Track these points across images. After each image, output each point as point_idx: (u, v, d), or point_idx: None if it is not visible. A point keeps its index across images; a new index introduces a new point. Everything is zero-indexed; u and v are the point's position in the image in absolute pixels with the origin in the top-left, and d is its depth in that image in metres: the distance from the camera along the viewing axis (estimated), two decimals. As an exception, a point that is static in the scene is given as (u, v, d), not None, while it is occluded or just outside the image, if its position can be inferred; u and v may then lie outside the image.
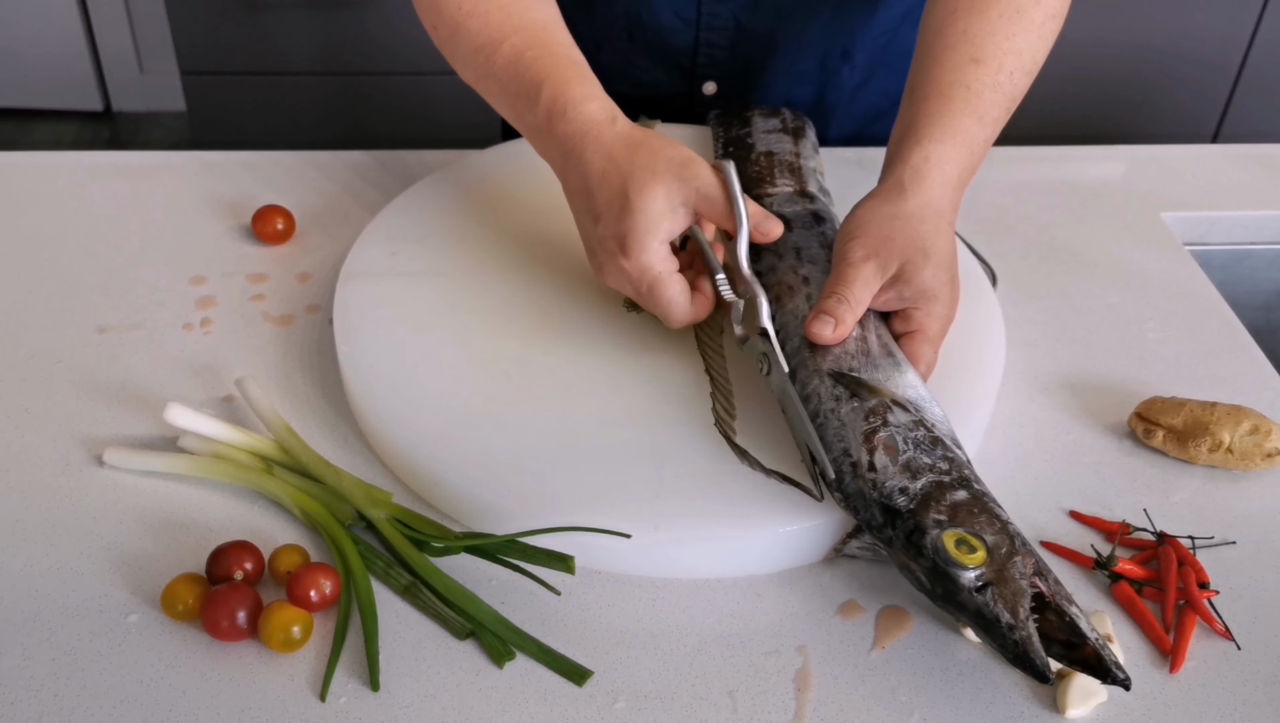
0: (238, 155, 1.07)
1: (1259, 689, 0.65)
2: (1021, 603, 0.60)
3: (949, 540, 0.62)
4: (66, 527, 0.71)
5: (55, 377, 0.82)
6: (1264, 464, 0.77)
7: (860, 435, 0.67)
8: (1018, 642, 0.59)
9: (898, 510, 0.64)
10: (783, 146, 0.94)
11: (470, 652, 0.65)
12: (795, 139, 0.95)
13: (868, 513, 0.65)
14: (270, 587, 0.68)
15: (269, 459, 0.74)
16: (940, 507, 0.63)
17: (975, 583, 0.61)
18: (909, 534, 0.63)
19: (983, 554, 0.61)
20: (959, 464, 0.66)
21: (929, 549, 0.62)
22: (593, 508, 0.68)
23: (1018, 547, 0.62)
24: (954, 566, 0.61)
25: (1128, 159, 1.14)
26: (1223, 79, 2.31)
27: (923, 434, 0.67)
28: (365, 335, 0.80)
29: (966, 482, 0.65)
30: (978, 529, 0.63)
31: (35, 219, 0.98)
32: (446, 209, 0.93)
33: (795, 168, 0.91)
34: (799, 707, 0.63)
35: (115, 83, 2.95)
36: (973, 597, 0.61)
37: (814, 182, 0.90)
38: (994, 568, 0.61)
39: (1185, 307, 0.94)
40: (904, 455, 0.65)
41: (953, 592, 0.62)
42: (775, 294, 0.77)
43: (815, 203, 0.87)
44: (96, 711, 0.61)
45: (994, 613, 0.60)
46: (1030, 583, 0.61)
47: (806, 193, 0.88)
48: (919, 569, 0.63)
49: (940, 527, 0.62)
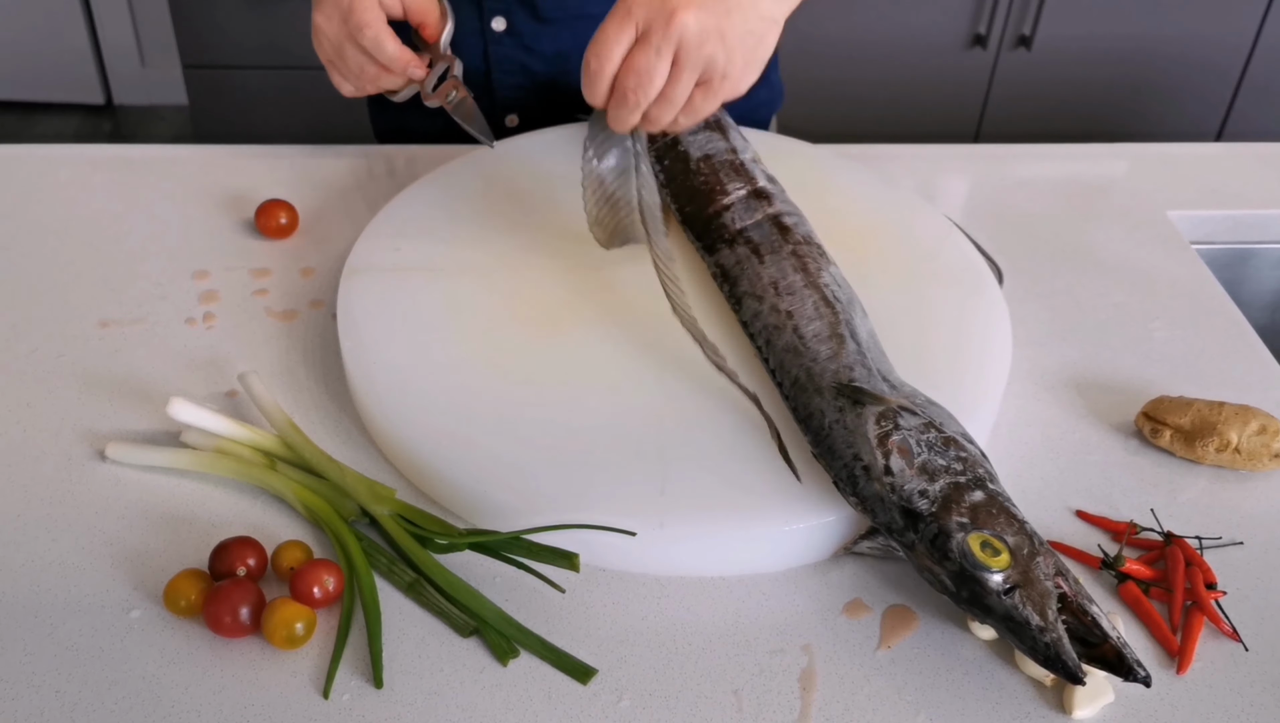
0: (241, 149, 1.07)
1: (1266, 691, 0.64)
2: (1049, 605, 0.60)
3: (974, 544, 0.62)
4: (68, 522, 0.71)
5: (57, 371, 0.82)
6: (1271, 464, 0.77)
7: (873, 440, 0.66)
8: (1049, 644, 0.60)
9: (919, 514, 0.64)
10: (716, 146, 0.90)
11: (474, 649, 0.65)
12: (723, 134, 0.92)
13: (887, 517, 0.65)
14: (273, 583, 0.68)
15: (272, 455, 0.74)
16: (961, 509, 0.63)
17: (1003, 586, 0.61)
18: (934, 538, 0.63)
19: (1006, 557, 0.62)
20: (972, 463, 0.66)
21: (955, 553, 0.62)
22: (598, 505, 0.68)
23: (1038, 547, 0.63)
24: (982, 569, 0.61)
25: (1134, 157, 1.13)
26: (1227, 77, 2.31)
27: (934, 436, 0.67)
28: (368, 331, 0.80)
29: (981, 482, 0.65)
30: (999, 531, 0.63)
31: (38, 212, 0.98)
32: (450, 205, 0.92)
33: (738, 166, 0.89)
34: (804, 706, 0.63)
35: (117, 76, 2.95)
36: (1001, 601, 0.61)
37: (760, 174, 0.88)
38: (1019, 570, 0.61)
39: (1192, 306, 0.93)
40: (919, 458, 0.65)
41: (980, 596, 0.62)
42: (765, 338, 0.77)
43: (773, 204, 0.85)
44: (98, 707, 0.61)
45: (1024, 616, 0.60)
46: (1055, 584, 0.61)
47: (760, 191, 0.86)
48: (944, 573, 0.63)
49: (964, 530, 0.62)
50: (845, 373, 0.71)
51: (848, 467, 0.67)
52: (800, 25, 2.28)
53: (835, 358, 0.73)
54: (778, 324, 0.76)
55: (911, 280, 0.87)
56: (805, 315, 0.76)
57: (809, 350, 0.74)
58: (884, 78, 2.25)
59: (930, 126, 2.30)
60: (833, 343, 0.73)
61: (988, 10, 2.17)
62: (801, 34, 2.19)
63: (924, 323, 0.83)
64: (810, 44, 2.20)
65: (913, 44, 2.21)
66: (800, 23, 2.31)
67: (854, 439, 0.67)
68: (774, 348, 0.76)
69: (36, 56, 2.85)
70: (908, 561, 0.68)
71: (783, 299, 0.77)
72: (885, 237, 0.91)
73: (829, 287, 0.78)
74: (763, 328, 0.77)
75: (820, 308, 0.76)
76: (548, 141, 1.01)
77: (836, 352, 0.73)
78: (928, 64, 2.24)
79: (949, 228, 0.93)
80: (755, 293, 0.79)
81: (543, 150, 0.99)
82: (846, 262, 0.85)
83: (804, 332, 0.75)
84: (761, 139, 1.01)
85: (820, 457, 0.69)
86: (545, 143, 1.00)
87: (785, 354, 0.75)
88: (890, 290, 0.85)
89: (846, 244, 0.88)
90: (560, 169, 0.97)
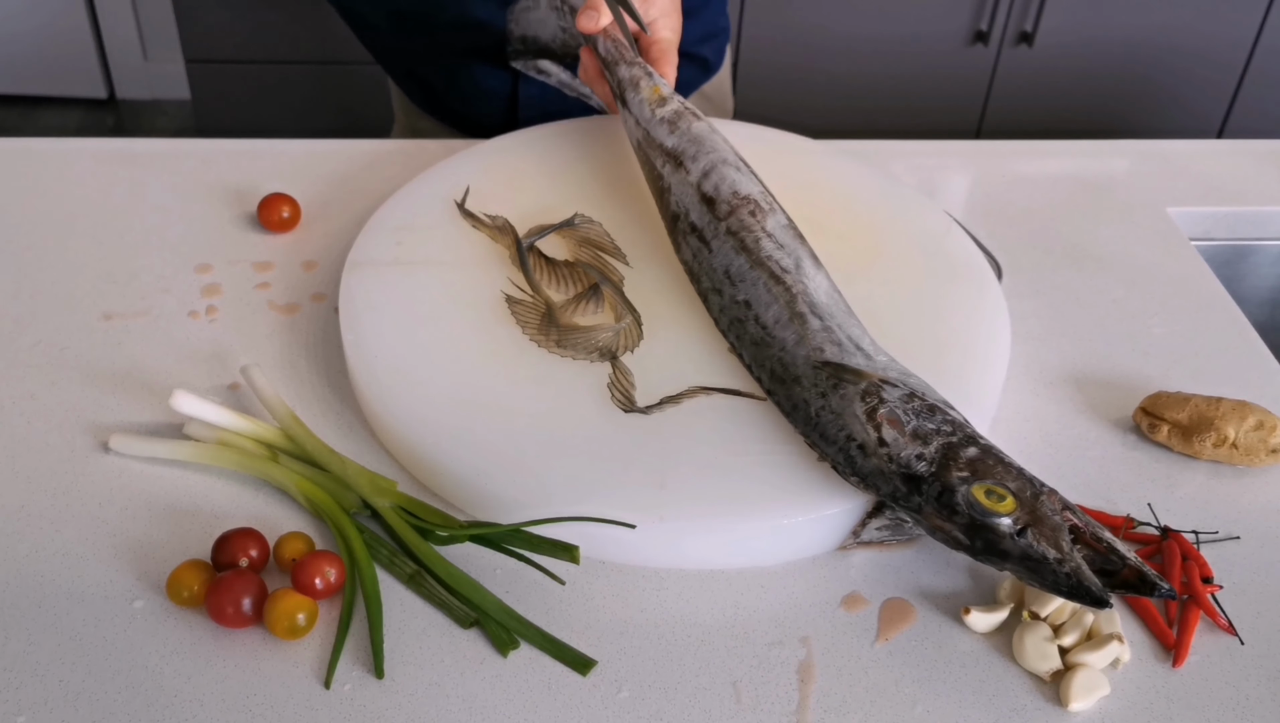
0: (244, 143, 1.07)
1: (1261, 684, 0.65)
2: (1062, 537, 0.62)
3: (979, 493, 0.63)
4: (72, 513, 0.71)
5: (61, 363, 0.82)
6: (1268, 460, 0.77)
7: (862, 417, 0.67)
8: (1069, 573, 0.61)
9: (920, 477, 0.65)
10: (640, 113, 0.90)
11: (474, 641, 0.65)
12: (626, 106, 0.91)
13: (889, 487, 0.66)
14: (275, 574, 0.68)
15: (274, 447, 0.75)
16: (959, 465, 0.65)
17: (1014, 528, 0.62)
18: (939, 496, 0.64)
19: (1011, 501, 0.63)
20: (960, 424, 0.68)
21: (963, 506, 0.63)
22: (598, 498, 0.69)
23: (1040, 488, 0.64)
24: (991, 516, 0.62)
25: (1134, 154, 1.14)
26: (1228, 74, 2.31)
27: (919, 403, 0.68)
28: (370, 324, 0.80)
29: (973, 439, 0.67)
30: (1000, 479, 0.64)
31: (41, 205, 0.98)
32: (452, 198, 0.93)
33: (656, 143, 0.87)
34: (802, 698, 0.63)
35: (119, 70, 2.94)
36: (1015, 542, 0.62)
37: (665, 134, 0.86)
38: (1026, 511, 0.63)
39: (1190, 302, 0.94)
40: (909, 425, 0.67)
41: (994, 542, 0.63)
42: (735, 334, 0.78)
43: (689, 170, 0.83)
44: (101, 696, 0.61)
45: (1039, 552, 0.61)
46: (1063, 518, 0.63)
47: (671, 153, 0.85)
48: (954, 528, 0.64)
49: (967, 483, 0.64)
50: (816, 355, 0.72)
51: (843, 449, 0.68)
52: (802, 21, 2.28)
53: (803, 342, 0.73)
54: (740, 316, 0.77)
55: (911, 276, 0.87)
56: (761, 301, 0.76)
57: (775, 340, 0.74)
58: (885, 74, 2.25)
59: (931, 123, 2.30)
60: (795, 325, 0.74)
61: (989, 6, 2.17)
62: (803, 30, 2.19)
63: (923, 318, 0.83)
64: (812, 40, 2.20)
65: (914, 40, 2.21)
66: (802, 19, 2.31)
67: (843, 421, 0.68)
68: (744, 342, 0.77)
69: (39, 50, 2.85)
70: (915, 536, 0.69)
71: (737, 289, 0.78)
72: (885, 232, 0.91)
73: (772, 258, 0.77)
74: (731, 323, 0.78)
75: (772, 288, 0.76)
76: (551, 135, 1.01)
77: (802, 335, 0.73)
78: (929, 60, 2.24)
79: (949, 224, 0.93)
80: (715, 287, 0.80)
81: (546, 144, 1.00)
82: (847, 257, 0.86)
83: (765, 320, 0.75)
84: (762, 135, 1.02)
85: (814, 444, 0.70)
86: (548, 137, 1.01)
87: (755, 347, 0.76)
88: (890, 286, 0.85)
89: (847, 240, 0.89)
90: (563, 162, 0.97)
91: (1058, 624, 0.66)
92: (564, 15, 0.99)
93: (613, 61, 0.92)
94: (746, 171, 0.82)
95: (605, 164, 0.97)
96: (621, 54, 0.92)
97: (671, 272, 0.85)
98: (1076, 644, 0.65)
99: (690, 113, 0.87)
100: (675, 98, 0.88)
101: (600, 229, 0.89)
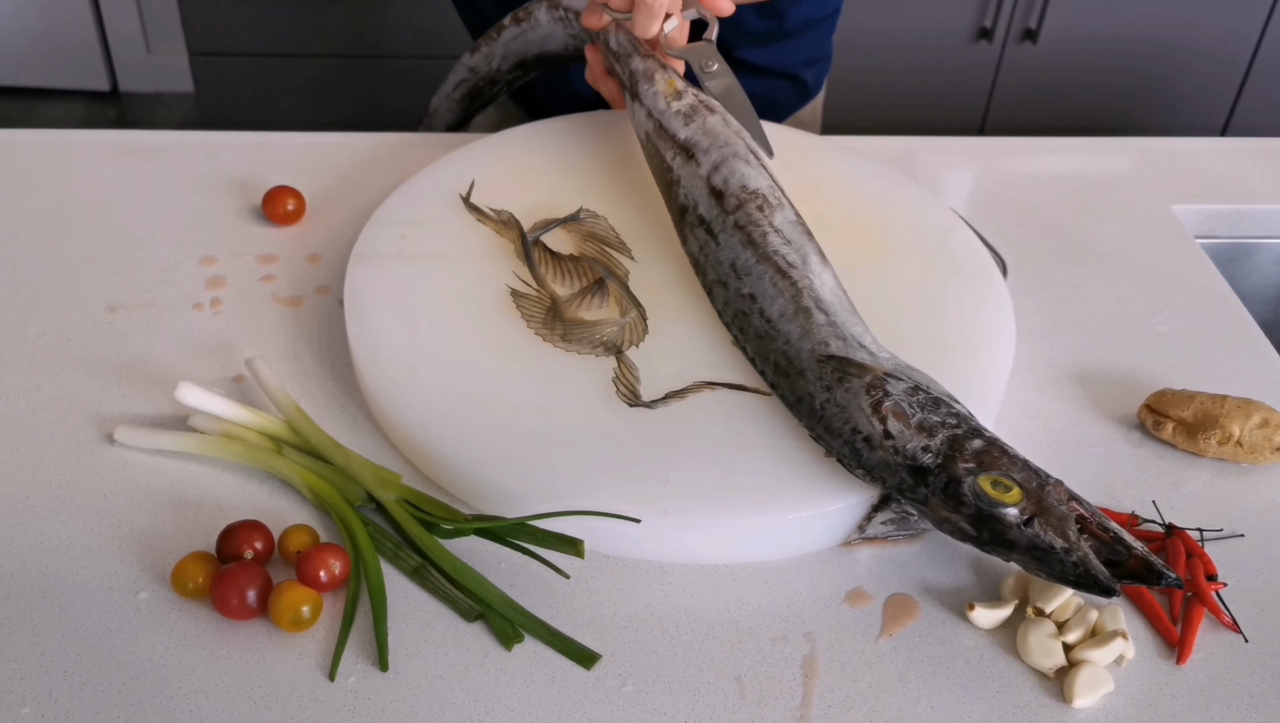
0: (249, 136, 1.07)
1: (1265, 682, 0.65)
2: (1069, 526, 0.62)
3: (985, 484, 0.63)
4: (77, 504, 0.71)
5: (65, 355, 0.82)
6: (1273, 457, 0.77)
7: (867, 409, 0.67)
8: (1076, 562, 0.61)
9: (926, 468, 0.65)
10: (652, 104, 0.89)
11: (479, 634, 0.65)
12: (638, 99, 0.90)
13: (896, 479, 0.66)
14: (280, 566, 0.68)
15: (279, 439, 0.75)
16: (965, 456, 0.65)
17: (1021, 519, 0.63)
18: (945, 487, 0.64)
19: (1018, 491, 0.63)
20: (964, 417, 0.68)
21: (969, 496, 0.63)
22: (602, 492, 0.69)
23: (1045, 479, 0.65)
24: (997, 506, 0.63)
25: (1139, 151, 1.14)
26: (1233, 72, 2.30)
27: (923, 397, 0.68)
28: (375, 317, 0.80)
29: (977, 431, 0.67)
30: (1005, 470, 0.64)
31: (46, 197, 0.98)
32: (457, 192, 0.93)
33: (666, 132, 0.86)
34: (806, 693, 0.63)
35: (122, 63, 2.94)
36: (1022, 532, 0.62)
37: (680, 127, 0.86)
38: (1033, 501, 0.63)
39: (1195, 299, 0.94)
40: (914, 417, 0.67)
41: (1000, 532, 0.63)
42: (739, 326, 0.78)
43: (700, 162, 0.83)
44: (106, 687, 0.61)
45: (1046, 542, 0.62)
46: (1069, 508, 0.63)
47: (684, 146, 0.84)
48: (961, 519, 0.64)
49: (973, 474, 0.64)
50: (821, 348, 0.72)
51: (848, 442, 0.68)
52: (806, 17, 2.26)
53: (807, 335, 0.73)
54: (745, 310, 0.77)
55: (916, 273, 0.87)
56: (766, 295, 0.76)
57: (780, 333, 0.74)
58: (889, 70, 2.25)
59: (935, 119, 2.30)
60: (800, 320, 0.74)
61: (993, 3, 2.17)
62: (807, 25, 2.18)
63: (928, 315, 0.83)
64: (816, 36, 2.19)
65: (918, 37, 2.21)
66: (806, 14, 2.28)
67: (849, 414, 0.68)
68: (748, 336, 0.77)
69: (42, 42, 2.85)
70: (920, 531, 0.69)
71: (743, 282, 0.78)
72: (890, 229, 0.91)
73: (778, 252, 0.76)
74: (735, 316, 0.78)
75: (778, 282, 0.76)
76: (556, 130, 1.01)
77: (807, 329, 0.73)
78: (933, 57, 2.24)
79: (954, 220, 0.93)
80: (721, 280, 0.79)
81: (551, 139, 0.99)
82: (851, 253, 0.85)
83: (770, 314, 0.75)
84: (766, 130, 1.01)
85: (819, 438, 0.70)
86: (554, 131, 1.01)
87: (759, 341, 0.76)
88: (895, 282, 0.85)
89: (851, 236, 0.89)
90: (568, 157, 0.97)
91: (1062, 621, 0.66)
92: (569, 23, 0.98)
93: (625, 54, 0.91)
94: (757, 165, 0.82)
95: (611, 159, 0.97)
96: (635, 46, 0.91)
97: (676, 266, 0.85)
98: (1081, 641, 0.65)
99: (705, 106, 0.86)
100: (690, 91, 0.88)
101: (605, 224, 0.89)
